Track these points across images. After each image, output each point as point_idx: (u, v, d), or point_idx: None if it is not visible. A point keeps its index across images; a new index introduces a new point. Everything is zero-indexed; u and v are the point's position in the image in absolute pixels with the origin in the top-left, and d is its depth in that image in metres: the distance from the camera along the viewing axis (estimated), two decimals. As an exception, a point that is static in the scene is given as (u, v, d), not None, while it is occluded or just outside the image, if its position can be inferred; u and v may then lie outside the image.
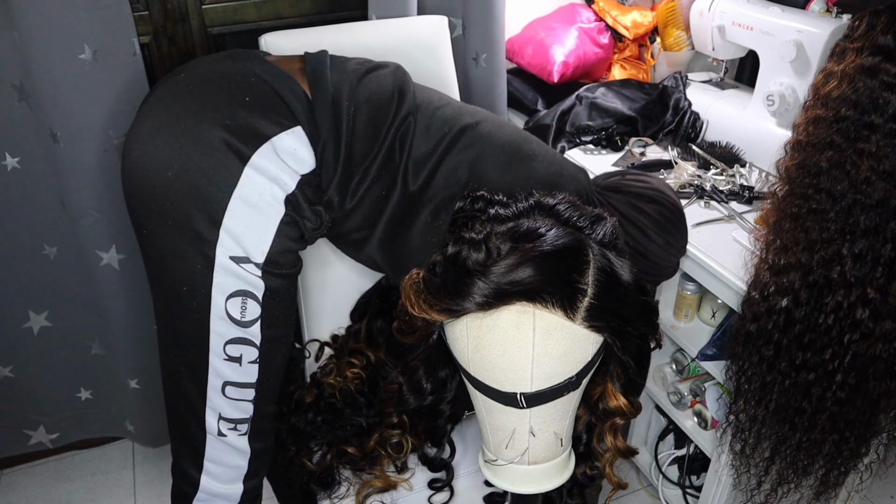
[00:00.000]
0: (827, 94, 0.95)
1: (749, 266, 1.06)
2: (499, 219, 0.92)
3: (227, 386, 0.96)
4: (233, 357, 0.94)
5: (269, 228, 0.90)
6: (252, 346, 0.94)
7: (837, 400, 1.02)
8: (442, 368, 1.03)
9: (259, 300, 0.92)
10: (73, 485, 1.69)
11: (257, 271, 0.91)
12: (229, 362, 0.94)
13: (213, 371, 0.95)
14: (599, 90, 1.57)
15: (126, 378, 1.58)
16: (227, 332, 0.93)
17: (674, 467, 1.57)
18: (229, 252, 0.88)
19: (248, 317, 0.92)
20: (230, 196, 0.87)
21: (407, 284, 0.89)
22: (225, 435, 1.00)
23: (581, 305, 0.82)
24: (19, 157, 1.29)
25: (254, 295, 0.91)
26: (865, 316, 0.96)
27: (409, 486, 1.15)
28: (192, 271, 0.89)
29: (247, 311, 0.92)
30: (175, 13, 1.39)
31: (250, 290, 0.91)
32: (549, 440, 0.90)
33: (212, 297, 0.90)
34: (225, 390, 0.96)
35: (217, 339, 0.93)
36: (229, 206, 0.87)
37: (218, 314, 0.91)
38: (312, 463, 1.15)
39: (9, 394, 1.54)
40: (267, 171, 0.89)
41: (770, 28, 1.33)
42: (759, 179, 1.33)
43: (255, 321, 0.93)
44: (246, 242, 0.89)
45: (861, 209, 0.92)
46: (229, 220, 0.87)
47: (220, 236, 0.88)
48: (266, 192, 0.89)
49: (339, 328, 1.33)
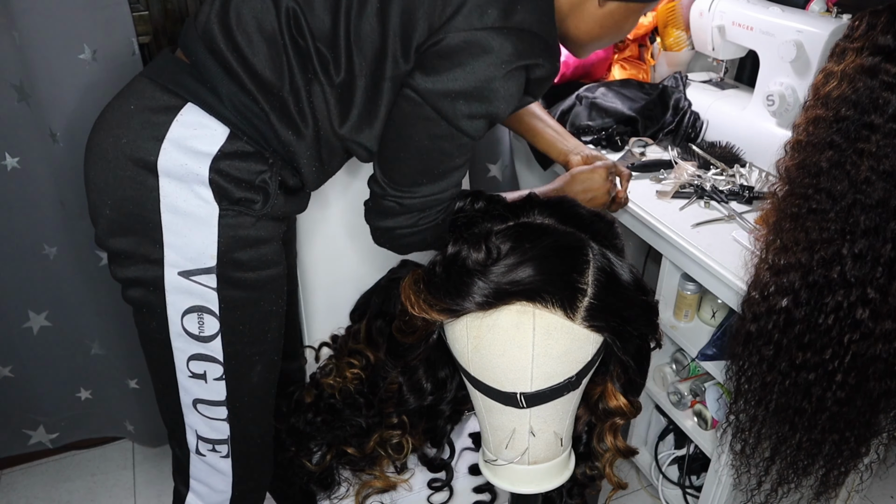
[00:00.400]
0: (827, 94, 0.95)
1: (749, 266, 1.06)
2: (499, 218, 0.92)
3: (199, 403, 0.97)
4: (196, 374, 0.94)
5: (210, 231, 0.87)
6: (215, 363, 0.93)
7: (837, 400, 1.02)
8: (442, 368, 1.03)
9: (216, 314, 0.90)
10: (73, 485, 1.69)
11: (212, 282, 0.88)
12: (194, 379, 0.94)
13: (182, 388, 0.96)
14: (599, 90, 1.57)
15: (126, 378, 1.58)
16: (188, 349, 0.92)
17: (674, 467, 1.57)
18: (177, 269, 0.88)
19: (207, 332, 0.91)
20: (160, 213, 0.86)
21: (407, 284, 0.89)
22: (204, 455, 1.01)
23: (581, 305, 0.82)
24: (19, 157, 1.29)
25: (208, 309, 0.90)
26: (865, 316, 0.96)
27: (409, 487, 1.15)
28: (146, 294, 0.90)
29: (204, 326, 0.91)
30: (175, 13, 1.39)
31: (204, 304, 0.90)
32: (549, 440, 0.90)
33: (168, 316, 0.90)
34: (197, 407, 0.97)
35: (180, 356, 0.93)
36: (164, 223, 0.86)
37: (176, 332, 0.91)
38: (312, 463, 1.15)
39: (9, 394, 1.54)
40: (177, 172, 0.85)
41: (770, 28, 1.33)
42: (759, 179, 1.33)
43: (215, 336, 0.92)
44: (190, 252, 0.87)
45: (861, 209, 0.92)
46: (169, 237, 0.86)
47: (165, 254, 0.87)
48: (189, 195, 0.85)
49: (339, 328, 1.33)
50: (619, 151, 1.50)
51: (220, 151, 0.85)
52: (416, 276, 0.89)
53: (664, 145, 1.50)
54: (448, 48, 0.82)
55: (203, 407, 0.97)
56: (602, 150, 1.52)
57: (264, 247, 0.91)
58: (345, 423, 1.15)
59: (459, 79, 0.83)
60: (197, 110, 0.86)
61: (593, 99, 1.54)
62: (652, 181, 1.37)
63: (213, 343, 0.92)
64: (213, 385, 0.95)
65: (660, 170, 1.40)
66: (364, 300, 1.34)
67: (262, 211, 0.89)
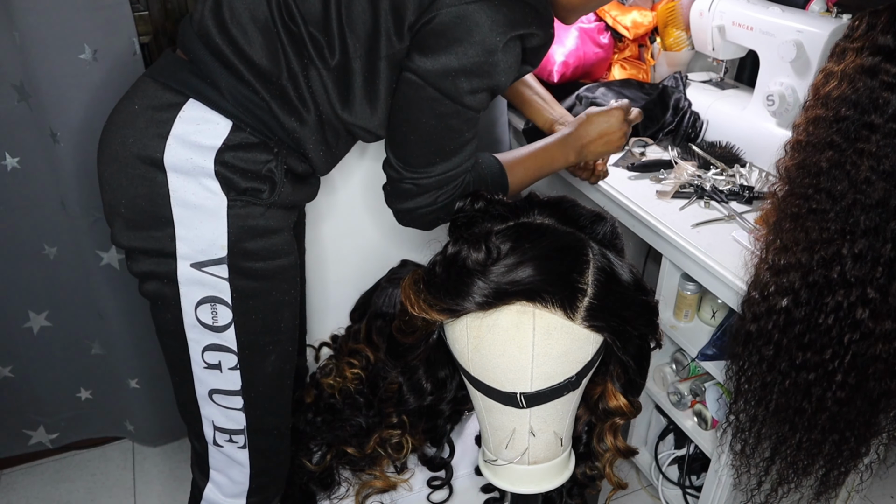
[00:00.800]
0: (827, 94, 0.95)
1: (749, 266, 1.06)
2: (499, 218, 0.92)
3: (214, 394, 0.97)
4: (211, 364, 0.95)
5: (220, 222, 0.88)
6: (229, 353, 0.94)
7: (837, 400, 1.02)
8: (442, 368, 1.03)
9: (229, 304, 0.91)
10: (73, 485, 1.69)
11: (223, 272, 0.90)
12: (209, 370, 0.95)
13: (197, 379, 0.97)
14: (599, 90, 1.57)
15: (126, 378, 1.58)
16: (202, 339, 0.93)
17: (674, 467, 1.57)
18: (190, 260, 0.89)
19: (221, 322, 0.92)
20: (170, 208, 0.87)
21: (407, 284, 0.89)
22: (221, 445, 1.01)
23: (581, 305, 0.82)
24: (19, 157, 1.29)
25: (221, 300, 0.91)
26: (865, 316, 0.96)
27: (409, 487, 1.15)
28: (161, 287, 0.91)
29: (218, 316, 0.92)
30: (175, 13, 1.39)
31: (217, 295, 0.91)
32: (549, 440, 0.90)
33: (182, 308, 0.91)
34: (213, 398, 0.97)
35: (195, 347, 0.94)
36: (175, 217, 0.87)
37: (190, 322, 0.92)
38: (312, 463, 1.15)
39: (9, 394, 1.54)
40: (184, 167, 0.86)
41: (770, 28, 1.33)
42: (759, 179, 1.33)
43: (229, 326, 0.92)
44: (202, 244, 0.88)
45: (861, 209, 0.92)
46: (181, 230, 0.88)
47: (178, 247, 0.88)
48: (197, 188, 0.87)
49: (339, 328, 1.33)
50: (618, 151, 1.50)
51: (225, 144, 0.87)
52: (416, 276, 0.89)
53: (664, 145, 1.50)
54: (442, 25, 0.84)
55: (219, 397, 0.97)
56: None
57: (275, 236, 0.92)
58: (345, 423, 1.16)
59: (458, 56, 0.84)
60: (199, 105, 0.87)
61: (593, 99, 1.54)
62: (652, 181, 1.37)
63: (227, 333, 0.93)
64: (228, 375, 0.96)
65: (660, 170, 1.40)
66: (364, 300, 1.34)
67: (269, 200, 0.90)
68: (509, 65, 0.88)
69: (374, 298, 1.28)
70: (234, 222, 0.88)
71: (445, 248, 0.88)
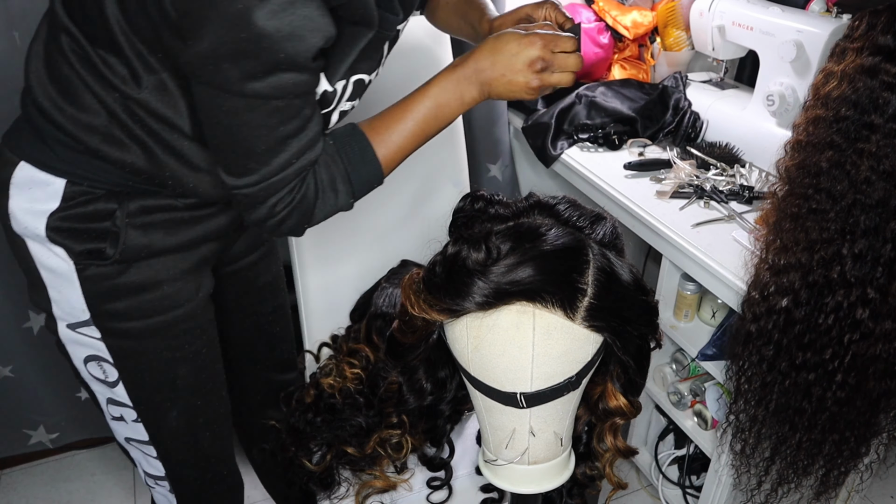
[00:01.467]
0: (827, 94, 0.95)
1: (749, 266, 1.06)
2: (498, 218, 0.92)
3: (130, 441, 0.99)
4: (116, 417, 0.96)
5: (74, 287, 0.84)
6: (126, 407, 0.94)
7: (837, 400, 1.02)
8: (442, 368, 1.03)
9: (111, 362, 0.90)
10: (73, 485, 1.69)
11: (95, 333, 0.88)
12: (116, 421, 0.97)
13: (111, 428, 0.98)
14: (599, 90, 1.57)
15: (126, 378, 1.58)
16: (103, 392, 0.94)
17: (674, 467, 1.57)
18: (65, 322, 0.88)
19: (110, 378, 0.91)
20: (38, 272, 0.86)
21: (407, 284, 0.89)
22: (154, 487, 1.04)
23: (581, 305, 0.82)
24: (19, 157, 1.29)
25: (103, 358, 0.90)
26: (865, 316, 0.96)
27: (409, 487, 1.15)
28: (58, 341, 0.91)
29: (106, 372, 0.91)
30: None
31: (97, 353, 0.90)
32: (549, 440, 0.90)
33: (75, 364, 0.92)
34: (131, 443, 0.99)
35: (100, 398, 0.95)
36: (45, 280, 0.86)
37: (87, 376, 0.93)
38: (312, 463, 1.15)
39: (9, 394, 1.54)
40: (31, 233, 0.82)
41: (770, 28, 1.33)
42: (759, 179, 1.33)
43: (117, 382, 0.92)
44: (68, 307, 0.87)
45: (861, 209, 0.92)
46: (52, 292, 0.87)
47: (53, 309, 0.88)
48: (48, 253, 0.83)
49: (339, 328, 1.33)
50: (617, 150, 1.50)
51: (62, 204, 0.80)
52: (416, 276, 0.89)
53: (664, 145, 1.50)
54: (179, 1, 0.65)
55: (135, 443, 0.98)
56: (599, 147, 1.52)
57: (147, 293, 0.86)
58: (345, 423, 1.15)
59: (208, 38, 0.64)
60: (29, 167, 0.80)
61: (593, 98, 1.54)
62: (651, 181, 1.37)
63: (119, 388, 0.92)
64: (134, 426, 0.96)
65: (659, 170, 1.40)
66: (364, 300, 1.34)
67: (115, 256, 0.81)
68: (290, 29, 0.64)
69: (374, 298, 1.28)
70: (87, 286, 0.83)
71: (445, 248, 0.88)
